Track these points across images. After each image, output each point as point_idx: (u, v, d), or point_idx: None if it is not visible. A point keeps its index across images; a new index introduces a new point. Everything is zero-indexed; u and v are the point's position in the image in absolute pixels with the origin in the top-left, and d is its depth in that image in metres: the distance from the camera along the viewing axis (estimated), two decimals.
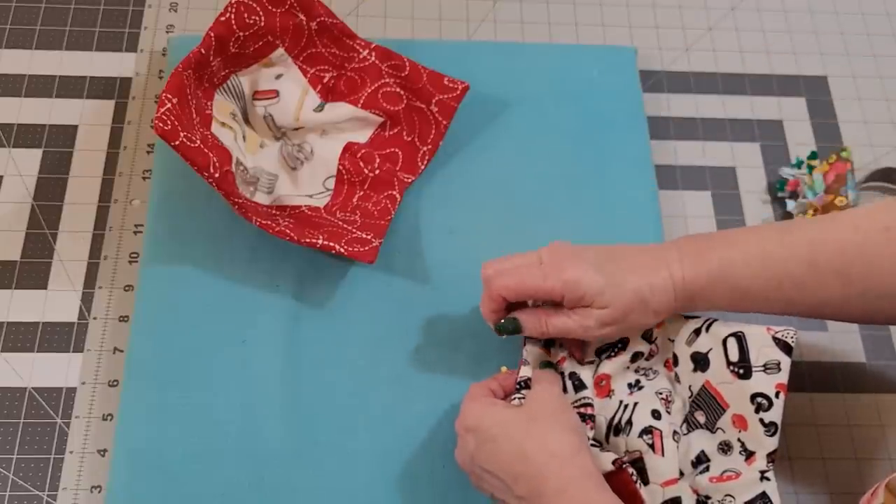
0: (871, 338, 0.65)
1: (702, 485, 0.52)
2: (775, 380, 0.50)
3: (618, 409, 0.54)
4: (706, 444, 0.53)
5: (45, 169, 0.66)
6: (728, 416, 0.52)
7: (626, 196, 0.66)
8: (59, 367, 0.59)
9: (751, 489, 0.50)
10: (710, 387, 0.52)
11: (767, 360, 0.50)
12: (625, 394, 0.55)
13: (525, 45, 0.72)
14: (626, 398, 0.55)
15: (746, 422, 0.51)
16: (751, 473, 0.50)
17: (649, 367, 0.56)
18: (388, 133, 0.66)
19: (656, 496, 0.53)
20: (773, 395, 0.50)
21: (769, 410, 0.50)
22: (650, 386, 0.55)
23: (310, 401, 0.57)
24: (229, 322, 0.59)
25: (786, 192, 0.69)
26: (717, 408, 0.52)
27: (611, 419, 0.54)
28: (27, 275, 0.62)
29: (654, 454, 0.53)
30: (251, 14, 0.60)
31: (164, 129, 0.53)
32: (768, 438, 0.50)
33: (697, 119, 0.73)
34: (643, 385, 0.55)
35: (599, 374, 0.55)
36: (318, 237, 0.58)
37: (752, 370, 0.50)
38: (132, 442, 0.55)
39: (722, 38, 0.76)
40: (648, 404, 0.54)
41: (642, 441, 0.53)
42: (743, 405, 0.51)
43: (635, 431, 0.53)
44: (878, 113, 0.74)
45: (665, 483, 0.53)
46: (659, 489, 0.53)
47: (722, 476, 0.51)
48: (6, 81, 0.68)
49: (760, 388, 0.50)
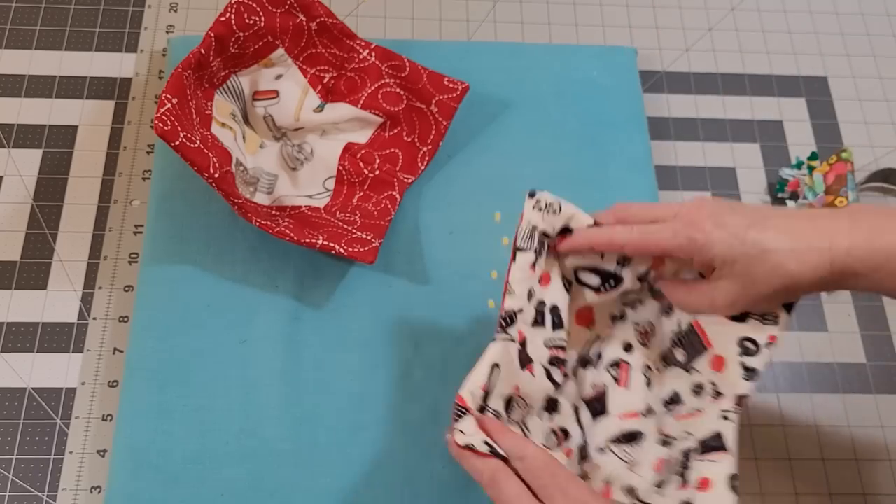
0: (871, 338, 0.65)
1: (668, 423, 0.51)
2: (770, 330, 0.48)
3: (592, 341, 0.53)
4: (680, 385, 0.52)
5: (45, 169, 0.66)
6: (707, 356, 0.50)
7: (626, 196, 0.66)
8: (58, 368, 0.59)
9: (708, 427, 0.48)
10: (698, 326, 0.51)
11: (767, 311, 0.48)
12: (606, 327, 0.54)
13: (525, 45, 0.72)
14: (604, 332, 0.54)
15: (725, 364, 0.49)
16: (713, 411, 0.48)
17: (637, 299, 0.54)
18: (388, 133, 0.66)
19: (611, 428, 0.52)
20: (764, 343, 0.48)
21: (755, 356, 0.48)
22: (631, 317, 0.54)
23: (310, 401, 0.57)
24: (229, 322, 0.59)
25: (786, 193, 0.69)
26: (699, 346, 0.50)
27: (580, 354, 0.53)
28: (27, 275, 0.62)
29: (617, 386, 0.52)
30: (251, 14, 0.60)
31: (164, 129, 0.53)
32: (744, 382, 0.48)
33: (697, 119, 0.73)
34: (626, 316, 0.54)
35: (584, 306, 0.54)
36: (318, 237, 0.58)
37: (749, 316, 0.49)
38: (132, 442, 0.55)
39: (722, 39, 0.77)
40: (623, 336, 0.53)
41: (609, 374, 0.52)
42: (727, 347, 0.49)
43: (604, 364, 0.52)
44: (878, 114, 0.74)
45: (624, 415, 0.52)
46: (615, 421, 0.52)
47: (685, 415, 0.50)
48: (6, 81, 0.69)
49: (753, 334, 0.48)
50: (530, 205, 0.51)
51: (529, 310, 0.51)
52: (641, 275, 0.52)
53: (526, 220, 0.51)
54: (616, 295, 0.53)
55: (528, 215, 0.51)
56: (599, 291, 0.53)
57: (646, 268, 0.51)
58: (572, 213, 0.51)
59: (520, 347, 0.50)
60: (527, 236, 0.50)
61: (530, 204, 0.51)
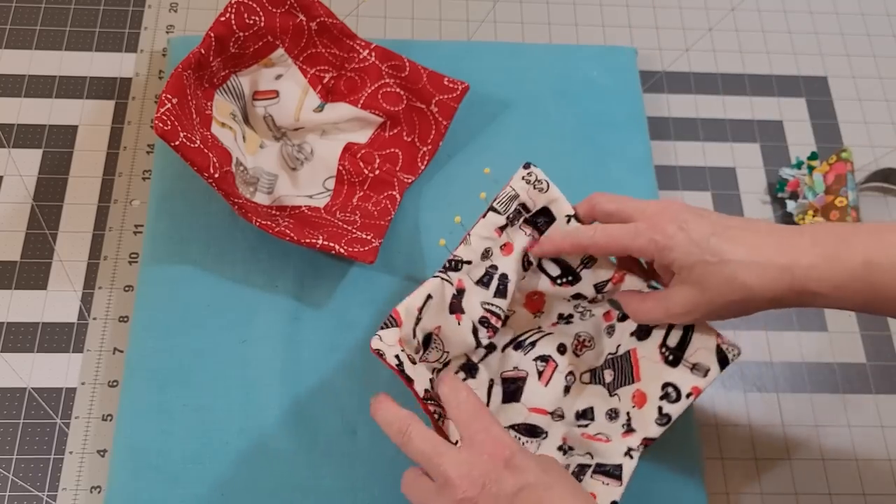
0: (871, 338, 0.65)
1: (573, 436, 0.52)
2: (695, 382, 0.49)
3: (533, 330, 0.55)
4: (598, 403, 0.53)
5: (45, 169, 0.66)
6: (632, 388, 0.51)
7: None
8: (58, 368, 0.59)
9: (611, 458, 0.49)
10: (634, 355, 0.52)
11: (699, 362, 0.49)
12: (550, 322, 0.55)
13: (525, 45, 0.72)
14: (546, 325, 0.55)
15: (646, 402, 0.50)
16: (620, 445, 0.49)
17: (588, 309, 0.55)
18: (388, 133, 0.66)
19: (518, 415, 0.53)
20: (686, 393, 0.49)
21: (673, 403, 0.49)
22: (576, 325, 0.55)
23: (310, 401, 0.57)
24: (229, 322, 0.59)
25: (786, 193, 0.69)
26: (629, 377, 0.51)
27: (517, 336, 0.55)
28: (27, 275, 0.62)
29: (538, 381, 0.53)
30: (251, 14, 0.60)
31: (164, 129, 0.53)
32: (656, 427, 0.49)
33: (697, 119, 0.73)
34: (573, 322, 0.55)
35: (536, 293, 0.55)
36: (318, 237, 0.58)
37: (681, 362, 0.50)
38: (132, 442, 0.55)
39: (722, 39, 0.76)
40: (561, 338, 0.55)
41: (535, 365, 0.53)
42: (651, 386, 0.50)
43: (534, 354, 0.54)
44: (878, 113, 0.74)
45: (533, 409, 0.53)
46: (524, 411, 0.54)
47: (594, 436, 0.51)
48: (6, 81, 0.69)
49: (678, 381, 0.49)
50: (520, 175, 0.53)
51: (480, 268, 0.53)
52: (600, 284, 0.53)
53: (510, 187, 0.53)
54: (569, 293, 0.54)
55: (515, 183, 0.52)
56: (555, 283, 0.54)
57: (607, 278, 0.52)
58: (556, 196, 0.52)
59: (455, 293, 0.52)
60: (506, 201, 0.52)
61: (521, 174, 0.53)
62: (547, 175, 0.53)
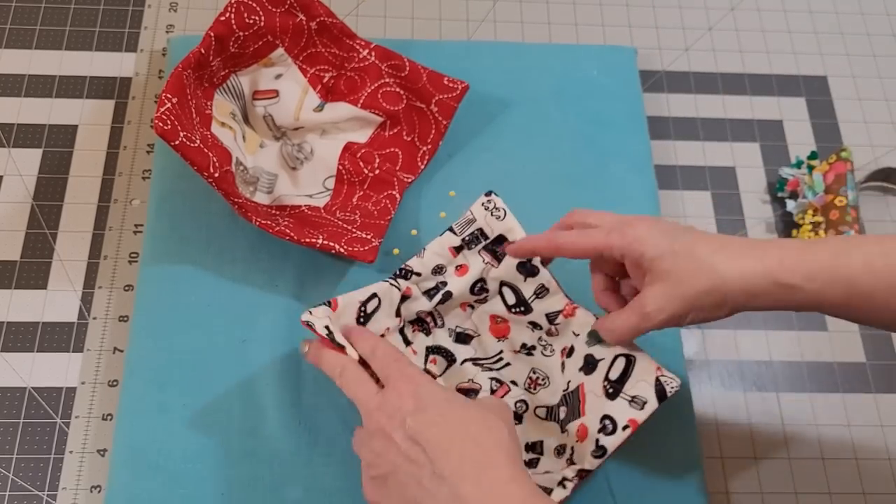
0: (871, 338, 0.65)
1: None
2: (632, 414, 0.49)
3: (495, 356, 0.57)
4: (549, 440, 0.54)
5: (45, 169, 0.66)
6: (578, 423, 0.51)
7: (626, 196, 0.66)
8: (58, 367, 0.59)
9: (547, 484, 0.50)
10: (582, 391, 0.52)
11: (637, 395, 0.49)
12: (512, 350, 0.58)
13: (525, 45, 0.72)
14: (507, 354, 0.57)
15: (587, 436, 0.50)
16: (556, 475, 0.50)
17: (551, 344, 0.57)
18: (388, 133, 0.66)
19: None
20: (622, 426, 0.49)
21: (609, 436, 0.49)
22: (535, 360, 0.57)
23: (310, 401, 0.57)
24: (229, 322, 0.59)
25: (786, 192, 0.69)
26: (577, 412, 0.52)
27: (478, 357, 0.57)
28: (27, 275, 0.62)
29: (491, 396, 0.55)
30: (251, 14, 0.60)
31: (164, 128, 0.53)
32: (593, 459, 0.49)
33: (697, 119, 0.73)
34: (534, 355, 0.57)
35: (503, 322, 0.57)
36: (318, 237, 0.58)
37: (620, 395, 0.50)
38: (132, 442, 0.55)
39: (722, 38, 0.77)
40: (517, 373, 0.57)
41: (490, 383, 0.56)
42: (593, 420, 0.50)
43: (490, 374, 0.56)
44: (878, 113, 0.74)
45: None
46: None
47: (539, 472, 0.53)
48: (6, 81, 0.69)
49: (615, 413, 0.49)
50: (481, 201, 0.56)
51: (430, 281, 0.56)
52: (552, 315, 0.56)
53: (470, 211, 0.56)
54: (525, 322, 0.57)
55: (475, 209, 0.56)
56: (510, 311, 0.57)
57: (558, 308, 0.55)
58: (512, 226, 0.55)
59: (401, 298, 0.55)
60: (464, 224, 0.56)
61: (482, 200, 0.56)
62: (546, 175, 0.53)
